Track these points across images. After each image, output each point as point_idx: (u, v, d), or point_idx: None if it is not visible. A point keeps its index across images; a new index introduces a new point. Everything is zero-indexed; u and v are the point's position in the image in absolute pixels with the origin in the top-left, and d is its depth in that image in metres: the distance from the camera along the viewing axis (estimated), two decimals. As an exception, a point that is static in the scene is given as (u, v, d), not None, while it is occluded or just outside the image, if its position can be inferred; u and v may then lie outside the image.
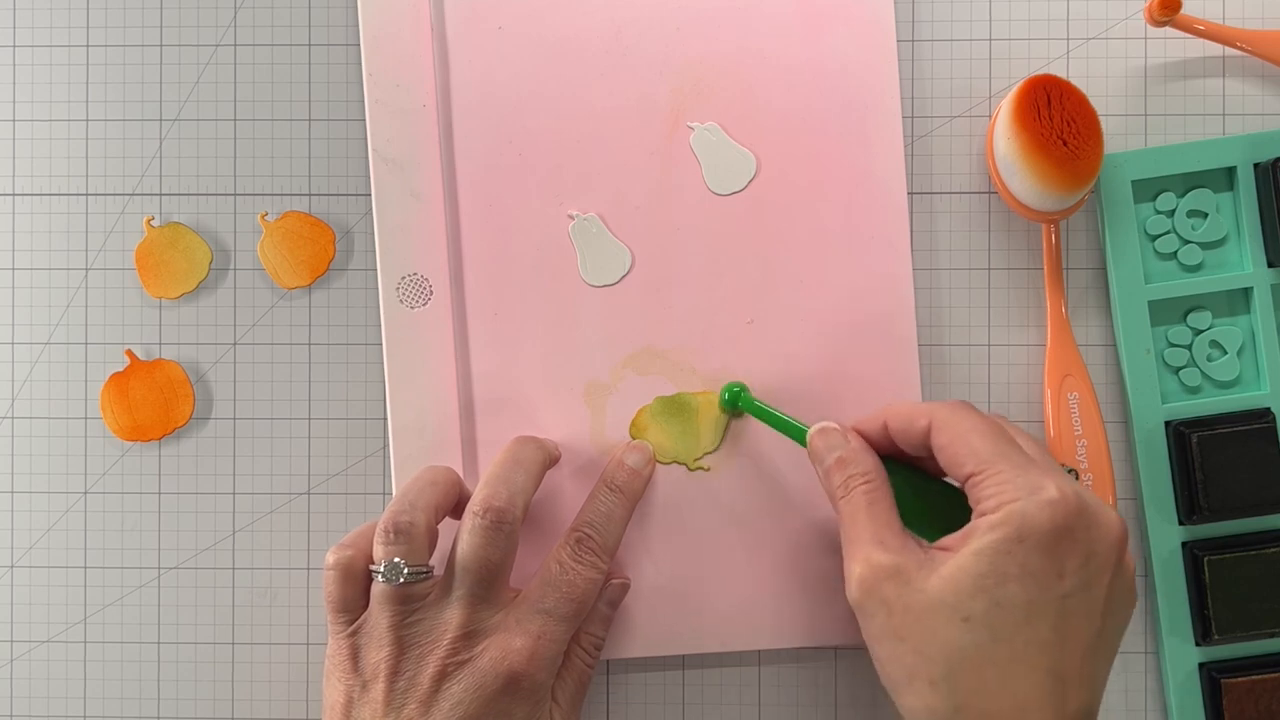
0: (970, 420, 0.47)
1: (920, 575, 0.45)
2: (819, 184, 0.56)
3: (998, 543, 0.44)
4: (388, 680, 0.48)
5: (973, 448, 0.46)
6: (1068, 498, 0.44)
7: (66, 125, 0.58)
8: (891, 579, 0.45)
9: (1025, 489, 0.44)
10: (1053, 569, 0.44)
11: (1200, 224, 0.55)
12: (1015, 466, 0.45)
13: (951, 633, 0.44)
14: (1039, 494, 0.44)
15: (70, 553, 0.58)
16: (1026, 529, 0.43)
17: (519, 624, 0.49)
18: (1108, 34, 0.57)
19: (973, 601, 0.44)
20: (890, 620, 0.45)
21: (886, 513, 0.47)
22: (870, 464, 0.49)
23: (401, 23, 0.56)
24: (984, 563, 0.44)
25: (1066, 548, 0.44)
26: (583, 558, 0.51)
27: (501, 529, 0.49)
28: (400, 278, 0.56)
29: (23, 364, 0.58)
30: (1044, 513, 0.44)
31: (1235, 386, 0.56)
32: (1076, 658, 0.44)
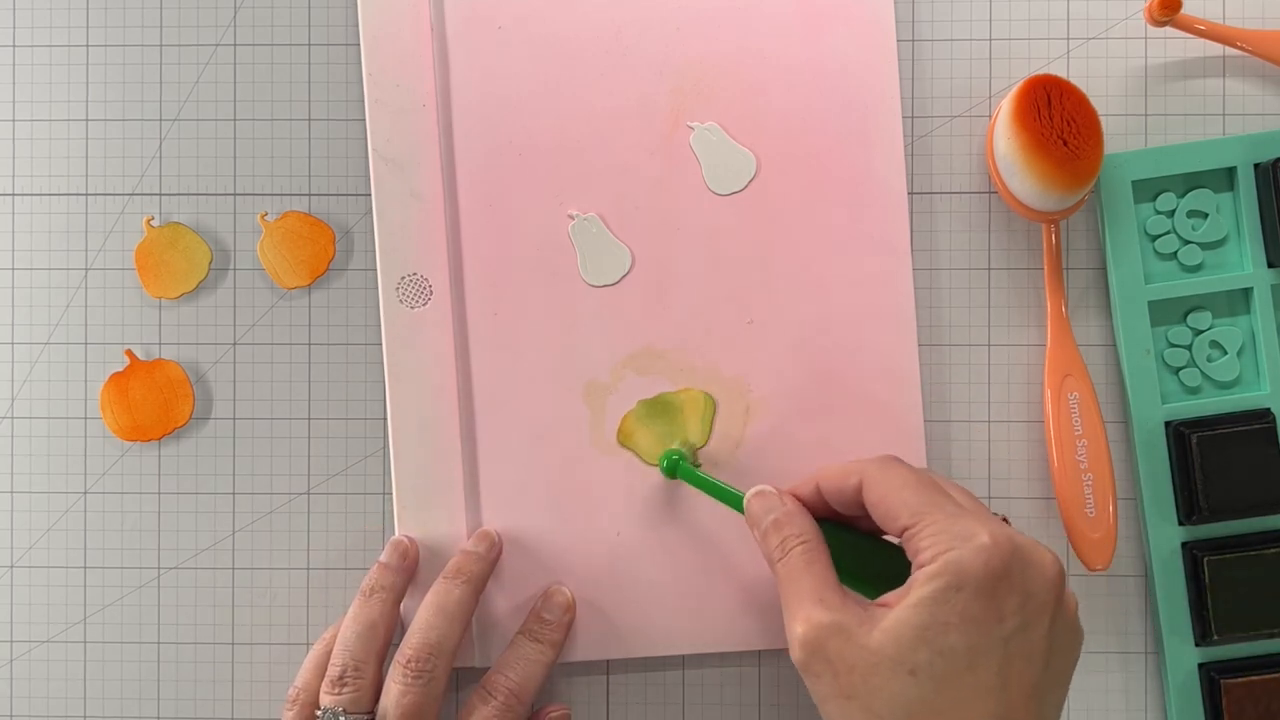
0: (900, 474, 0.47)
1: (862, 631, 0.44)
2: (819, 184, 0.56)
3: (936, 592, 0.44)
4: None
5: (904, 501, 0.46)
6: (1000, 542, 0.44)
7: (66, 125, 0.58)
8: (835, 637, 0.45)
9: (959, 537, 0.44)
10: (992, 613, 0.44)
11: (1200, 224, 0.55)
12: (948, 516, 0.45)
13: (898, 686, 0.44)
14: (972, 540, 0.44)
15: (70, 553, 0.58)
16: (963, 576, 0.43)
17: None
18: (1108, 34, 0.57)
19: (915, 653, 0.44)
20: (836, 680, 0.45)
21: (824, 571, 0.47)
22: (806, 525, 0.49)
23: (401, 23, 0.56)
24: (924, 613, 0.44)
25: (1004, 591, 0.44)
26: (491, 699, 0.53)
27: (422, 678, 0.51)
28: (400, 278, 0.56)
29: (23, 364, 0.58)
30: (979, 559, 0.44)
31: (1235, 387, 0.56)
32: (1021, 700, 0.44)
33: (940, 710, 0.44)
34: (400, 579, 0.54)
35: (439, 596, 0.53)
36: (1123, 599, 0.56)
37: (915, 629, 0.44)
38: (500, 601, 0.56)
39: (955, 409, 0.57)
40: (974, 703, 0.44)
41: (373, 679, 0.52)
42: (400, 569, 0.54)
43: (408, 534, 0.55)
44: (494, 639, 0.56)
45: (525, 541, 0.56)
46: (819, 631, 0.45)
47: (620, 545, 0.56)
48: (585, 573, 0.56)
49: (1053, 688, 0.46)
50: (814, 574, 0.47)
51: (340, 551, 0.57)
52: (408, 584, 0.55)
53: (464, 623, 0.53)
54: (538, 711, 0.55)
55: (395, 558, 0.54)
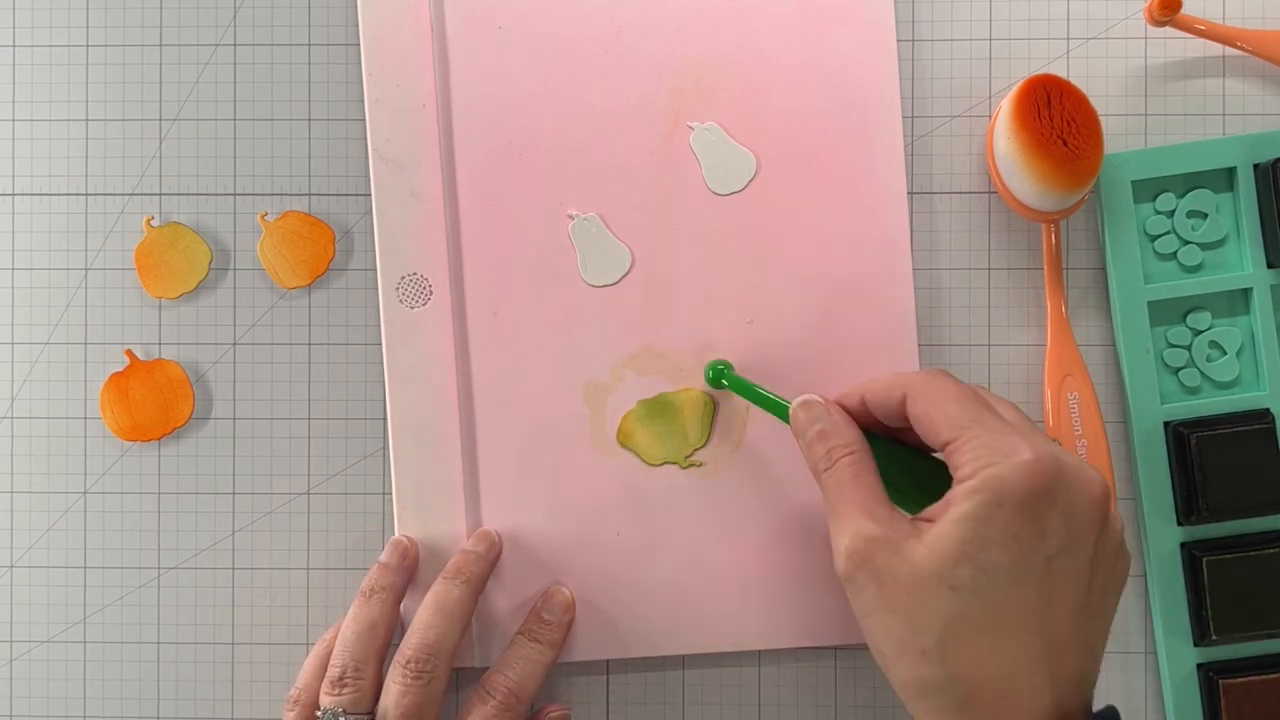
0: (946, 388, 0.47)
1: (907, 545, 0.44)
2: (819, 184, 0.56)
3: (976, 508, 0.43)
4: None
5: (948, 414, 0.46)
6: (1043, 459, 0.44)
7: (66, 125, 0.58)
8: (881, 549, 0.44)
9: (1001, 452, 0.44)
10: (1034, 531, 0.43)
11: (1200, 224, 0.55)
12: (991, 431, 0.45)
13: (940, 602, 0.43)
14: (1014, 456, 0.44)
15: (70, 553, 0.58)
16: (1004, 492, 0.43)
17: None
18: (1108, 34, 0.57)
19: (958, 569, 0.43)
20: (880, 592, 0.44)
21: (872, 484, 0.47)
22: (853, 435, 0.48)
23: (401, 23, 0.56)
24: (965, 529, 0.43)
25: (1046, 508, 0.43)
26: (489, 699, 0.53)
27: (421, 678, 0.51)
28: (400, 278, 0.56)
29: (23, 364, 0.58)
30: (1019, 474, 0.43)
31: (1234, 387, 0.56)
32: (1066, 621, 0.44)
33: (983, 627, 0.43)
34: (400, 579, 0.54)
35: (439, 596, 0.53)
36: (1122, 599, 0.56)
37: (957, 544, 0.43)
38: (500, 601, 0.56)
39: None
40: (1016, 620, 0.43)
41: (373, 679, 0.52)
42: (400, 569, 0.54)
43: (407, 534, 0.55)
44: (494, 639, 0.56)
45: (525, 541, 0.56)
46: (866, 544, 0.45)
47: (620, 545, 0.56)
48: (585, 573, 0.56)
49: (1098, 610, 0.45)
50: (861, 485, 0.47)
51: (340, 551, 0.57)
52: (408, 584, 0.55)
53: (464, 622, 0.53)
54: (538, 711, 0.55)
55: (395, 558, 0.54)
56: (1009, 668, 0.43)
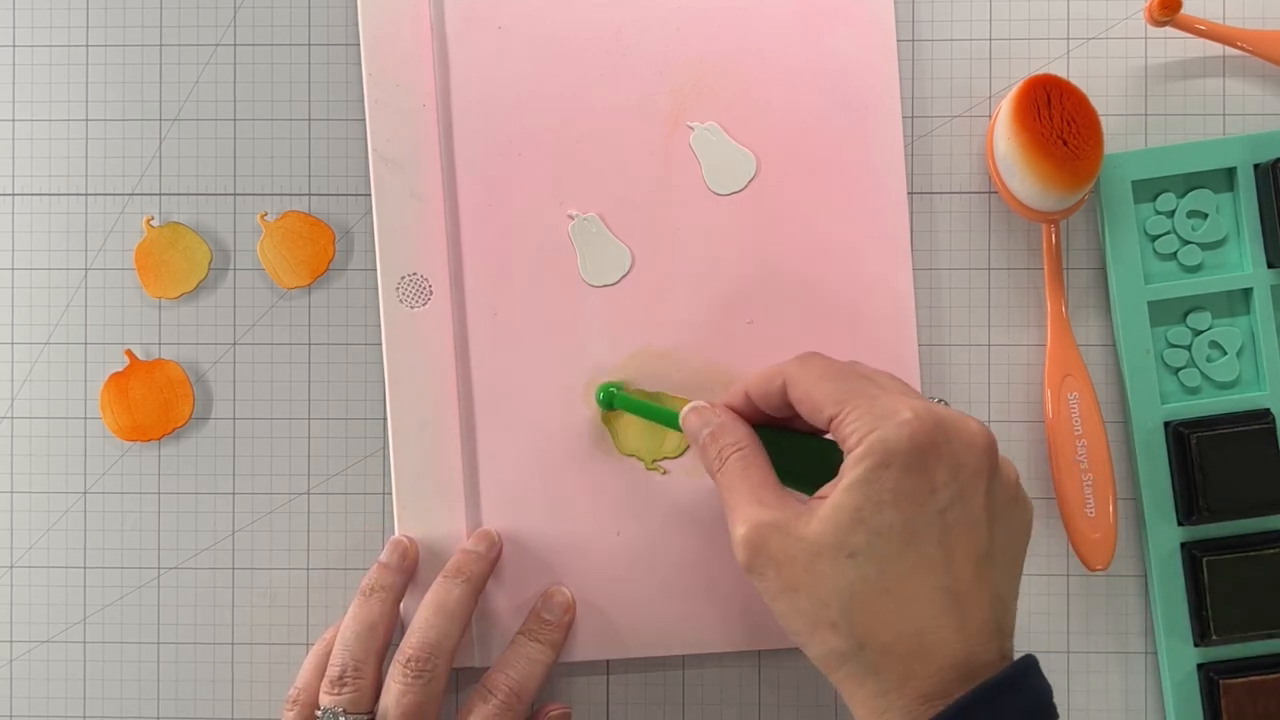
0: (819, 366, 0.48)
1: (800, 524, 0.45)
2: (819, 184, 0.56)
3: (865, 472, 0.44)
4: None
5: (826, 391, 0.46)
6: (922, 416, 0.44)
7: (66, 125, 0.58)
8: (774, 533, 0.45)
9: (881, 416, 0.44)
10: (924, 485, 0.44)
11: (1200, 224, 0.55)
12: (869, 399, 0.45)
13: (840, 571, 0.44)
14: (894, 417, 0.44)
15: (70, 553, 0.58)
16: (889, 453, 0.43)
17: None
18: (1108, 34, 0.57)
19: (853, 536, 0.43)
20: (780, 574, 0.45)
21: (761, 474, 0.48)
22: (741, 432, 0.49)
23: (401, 23, 0.56)
24: (857, 495, 0.44)
25: (933, 462, 0.44)
26: (491, 698, 0.53)
27: (422, 678, 0.51)
28: (400, 278, 0.56)
29: (23, 364, 0.58)
30: (902, 432, 0.43)
31: (1235, 387, 0.56)
32: (969, 571, 0.44)
33: (885, 589, 0.43)
34: (400, 579, 0.54)
35: (439, 595, 0.53)
36: (1122, 599, 0.56)
37: (850, 511, 0.44)
38: (500, 601, 0.56)
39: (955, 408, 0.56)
40: (918, 577, 0.43)
41: (372, 679, 0.52)
42: (400, 569, 0.54)
43: (407, 534, 0.55)
44: (493, 639, 0.56)
45: (525, 541, 0.56)
46: (758, 530, 0.45)
47: (620, 545, 0.56)
48: (585, 573, 0.56)
49: (1002, 560, 0.45)
50: (750, 477, 0.47)
51: (340, 551, 0.57)
52: (407, 584, 0.55)
53: (464, 622, 0.53)
54: (538, 711, 0.55)
55: (395, 557, 0.54)
56: (916, 625, 0.43)
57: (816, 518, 0.44)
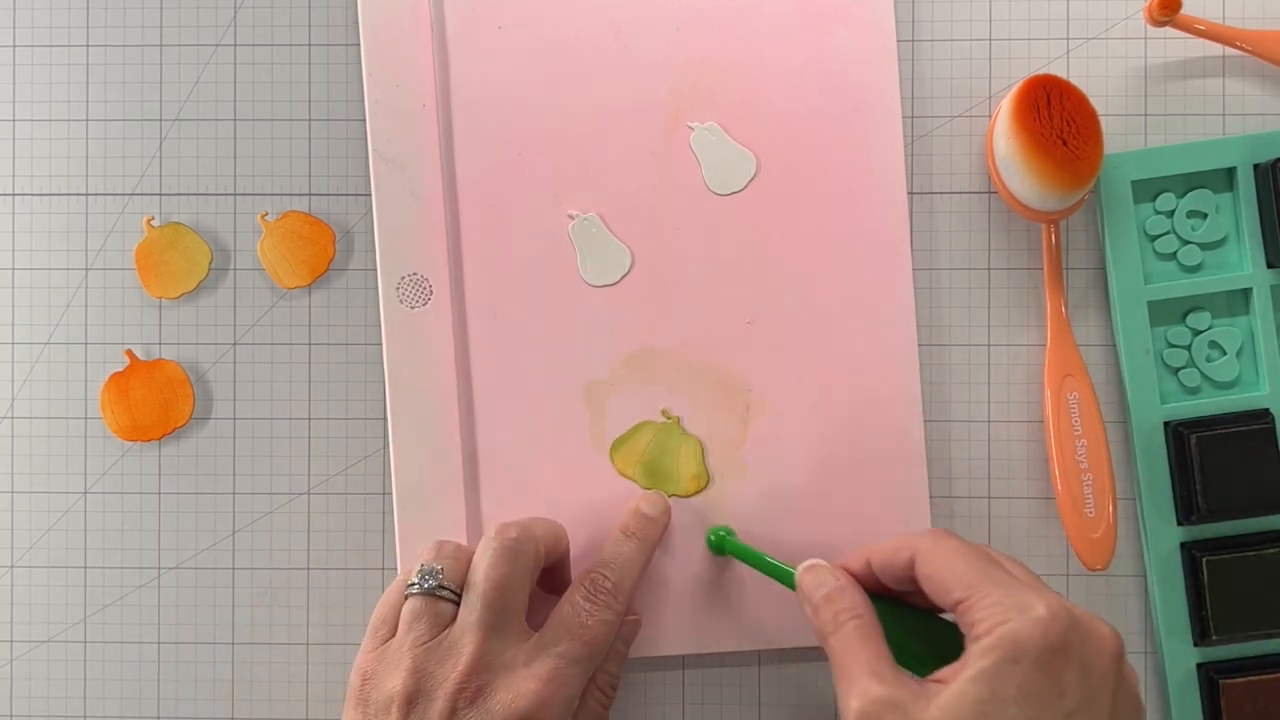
0: (953, 547, 0.47)
1: (918, 707, 0.43)
2: (819, 184, 0.56)
3: (993, 666, 0.43)
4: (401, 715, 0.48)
5: (958, 573, 0.45)
6: (1057, 614, 0.43)
7: (66, 125, 0.58)
8: (891, 712, 0.43)
9: (1015, 609, 0.43)
10: (1052, 688, 0.43)
11: (1200, 224, 0.55)
12: (1002, 588, 0.44)
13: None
14: (1029, 612, 0.43)
15: (70, 553, 0.58)
16: (1020, 649, 0.43)
17: (529, 666, 0.49)
18: (1108, 34, 0.57)
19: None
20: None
21: (878, 646, 0.46)
22: (859, 599, 0.48)
23: (401, 23, 0.56)
24: (982, 687, 0.43)
25: (1063, 664, 0.43)
26: (597, 598, 0.51)
27: (514, 550, 0.50)
28: (400, 278, 0.56)
29: (23, 364, 0.58)
30: (1036, 630, 0.43)
31: (1234, 387, 0.56)
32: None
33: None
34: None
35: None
36: (1122, 599, 0.56)
37: (974, 703, 0.42)
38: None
39: (955, 409, 0.57)
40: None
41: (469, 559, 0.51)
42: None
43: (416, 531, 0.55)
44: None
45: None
46: (875, 706, 0.44)
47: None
48: (585, 573, 0.56)
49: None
50: (868, 648, 0.46)
51: (340, 551, 0.57)
52: None
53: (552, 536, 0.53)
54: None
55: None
56: None
57: (936, 704, 0.43)
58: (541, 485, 0.56)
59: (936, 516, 0.56)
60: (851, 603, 0.48)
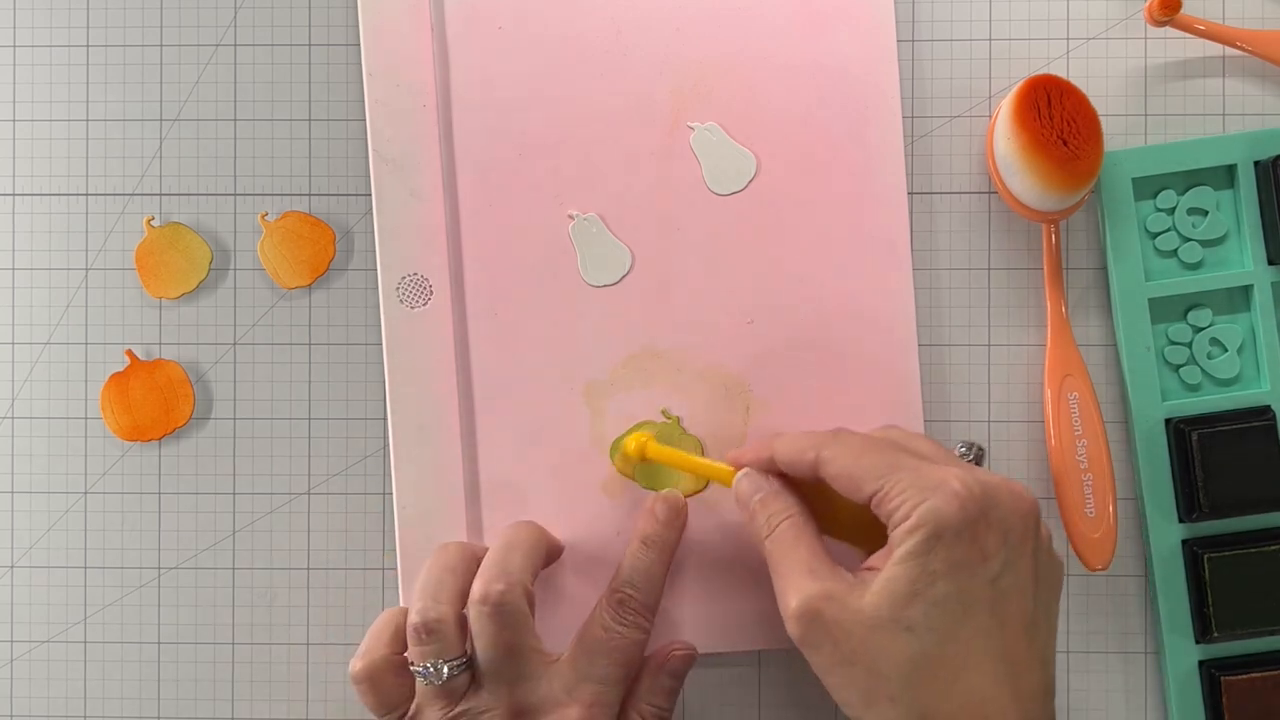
0: (856, 443, 0.48)
1: (854, 596, 0.45)
2: (819, 184, 0.56)
3: (918, 545, 0.44)
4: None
5: (865, 467, 0.46)
6: (969, 485, 0.44)
7: (66, 125, 0.58)
8: (828, 604, 0.45)
9: (928, 487, 0.45)
10: (975, 555, 0.44)
11: (1201, 221, 0.56)
12: (912, 470, 0.45)
13: (898, 645, 0.44)
14: (943, 488, 0.44)
15: (70, 553, 0.58)
16: (941, 524, 0.44)
17: (570, 694, 0.50)
18: (1108, 34, 0.57)
19: (909, 609, 0.44)
20: (836, 648, 0.45)
21: (811, 543, 0.48)
22: (790, 501, 0.49)
23: (401, 23, 0.56)
24: (911, 567, 0.44)
25: (983, 531, 0.44)
26: (625, 618, 0.51)
27: (503, 611, 0.49)
28: (400, 278, 0.56)
29: (23, 364, 0.58)
30: (953, 504, 0.44)
31: (1235, 384, 0.56)
32: (1021, 638, 0.45)
33: (943, 661, 0.44)
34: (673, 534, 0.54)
35: (505, 536, 0.53)
36: (1123, 598, 0.56)
37: (905, 584, 0.44)
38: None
39: (955, 409, 0.57)
40: (975, 647, 0.44)
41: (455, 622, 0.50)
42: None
43: (418, 531, 0.55)
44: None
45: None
46: (812, 601, 0.45)
47: (619, 545, 0.55)
48: (585, 573, 0.56)
49: (1044, 622, 0.46)
50: (801, 546, 0.47)
51: (340, 551, 0.57)
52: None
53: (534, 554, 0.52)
54: (662, 647, 0.54)
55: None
56: (976, 694, 0.44)
57: (870, 590, 0.44)
58: (541, 486, 0.56)
59: (937, 516, 0.56)
60: (784, 504, 0.49)
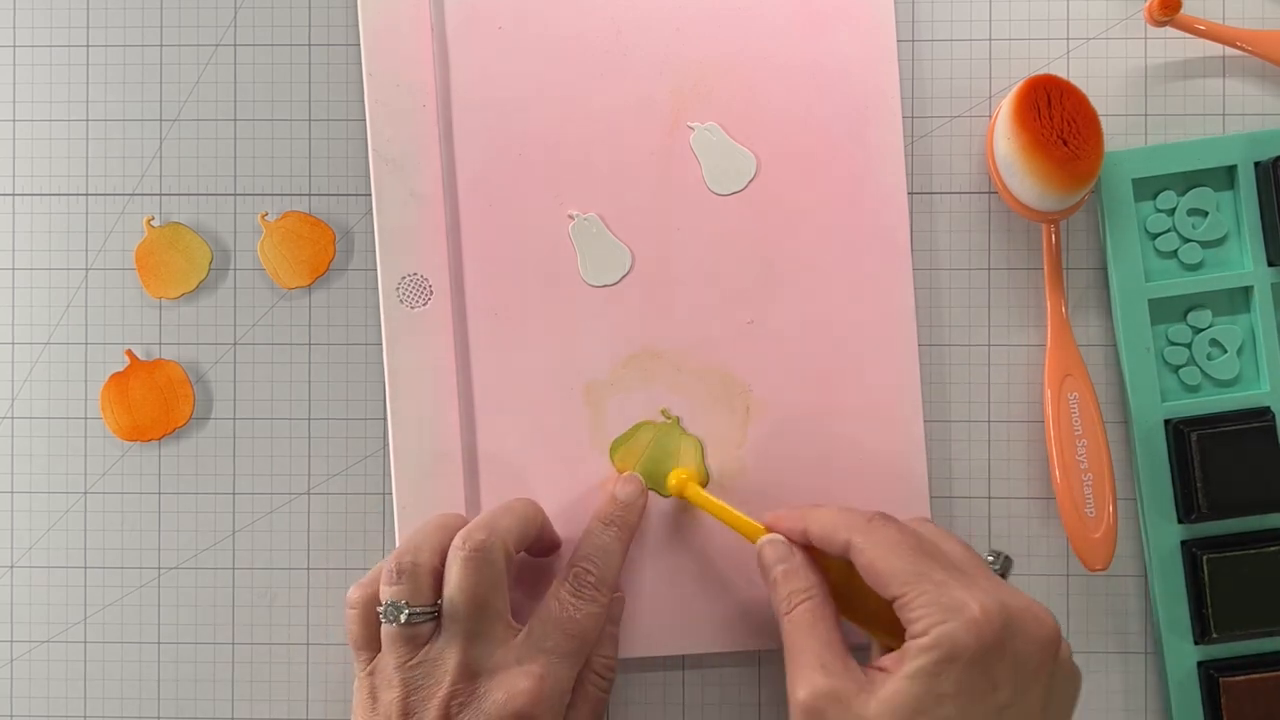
0: (888, 540, 0.47)
1: (860, 700, 0.45)
2: (819, 184, 0.56)
3: (929, 665, 0.44)
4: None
5: (893, 570, 0.46)
6: (990, 615, 0.44)
7: (66, 125, 0.58)
8: (834, 705, 0.45)
9: (949, 610, 0.44)
10: (986, 683, 0.44)
11: (1200, 222, 0.56)
12: (937, 585, 0.45)
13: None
14: (963, 613, 0.44)
15: (70, 553, 0.58)
16: (956, 650, 0.44)
17: (521, 664, 0.50)
18: (1108, 34, 0.57)
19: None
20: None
21: (828, 632, 0.48)
22: (814, 580, 0.49)
23: (401, 23, 0.56)
24: (919, 685, 0.44)
25: (996, 660, 0.44)
26: (583, 593, 0.52)
27: (482, 558, 0.49)
28: (400, 278, 0.56)
29: (23, 364, 0.58)
30: (970, 632, 0.44)
31: (1235, 385, 0.56)
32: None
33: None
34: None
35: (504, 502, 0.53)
36: (1122, 599, 0.56)
37: (911, 700, 0.44)
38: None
39: (955, 409, 0.57)
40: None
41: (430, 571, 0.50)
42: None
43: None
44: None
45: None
46: (819, 700, 0.45)
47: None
48: (585, 572, 0.56)
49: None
50: (816, 635, 0.47)
51: (340, 551, 0.57)
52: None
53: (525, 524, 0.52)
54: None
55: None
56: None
57: (876, 699, 0.44)
58: (541, 485, 0.56)
59: (937, 516, 0.56)
60: (805, 584, 0.49)
